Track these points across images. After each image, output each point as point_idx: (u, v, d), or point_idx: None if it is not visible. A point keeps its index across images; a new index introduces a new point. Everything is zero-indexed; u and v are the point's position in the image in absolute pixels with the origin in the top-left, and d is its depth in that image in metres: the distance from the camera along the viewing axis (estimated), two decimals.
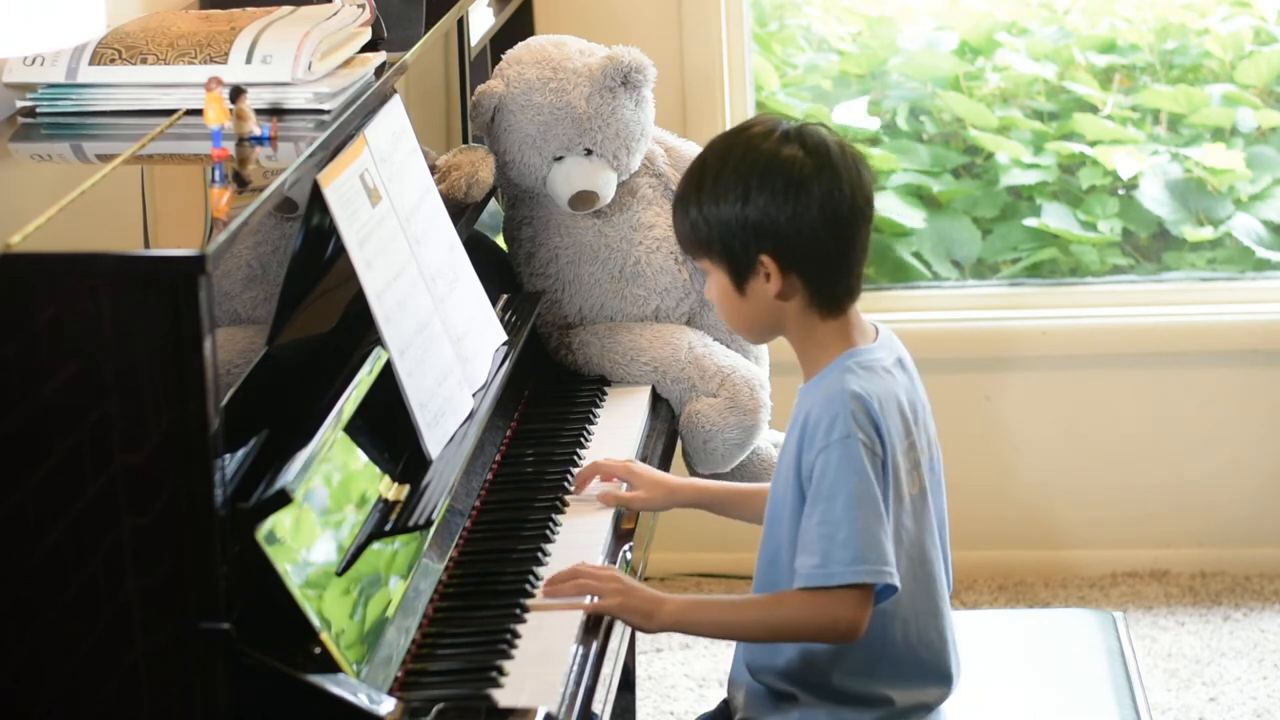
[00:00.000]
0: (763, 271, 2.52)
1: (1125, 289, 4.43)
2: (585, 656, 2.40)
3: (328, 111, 2.55)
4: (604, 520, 2.76)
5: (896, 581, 2.46)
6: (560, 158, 3.25)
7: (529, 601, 2.49)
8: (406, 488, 2.48)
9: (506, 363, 2.88)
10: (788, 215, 2.50)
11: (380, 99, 2.72)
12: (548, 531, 2.69)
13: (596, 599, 2.49)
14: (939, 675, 2.61)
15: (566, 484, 2.85)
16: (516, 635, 2.40)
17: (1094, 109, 4.51)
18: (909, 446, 2.54)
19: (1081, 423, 4.38)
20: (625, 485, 2.84)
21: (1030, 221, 4.48)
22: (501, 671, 2.32)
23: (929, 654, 2.59)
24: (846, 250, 2.54)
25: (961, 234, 4.50)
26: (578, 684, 2.34)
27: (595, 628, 2.46)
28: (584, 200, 3.25)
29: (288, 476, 2.22)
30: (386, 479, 2.47)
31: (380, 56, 2.76)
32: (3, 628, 2.06)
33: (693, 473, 3.21)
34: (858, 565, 2.44)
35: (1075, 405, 4.37)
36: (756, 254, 2.51)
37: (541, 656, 2.36)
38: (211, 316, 2.05)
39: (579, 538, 2.70)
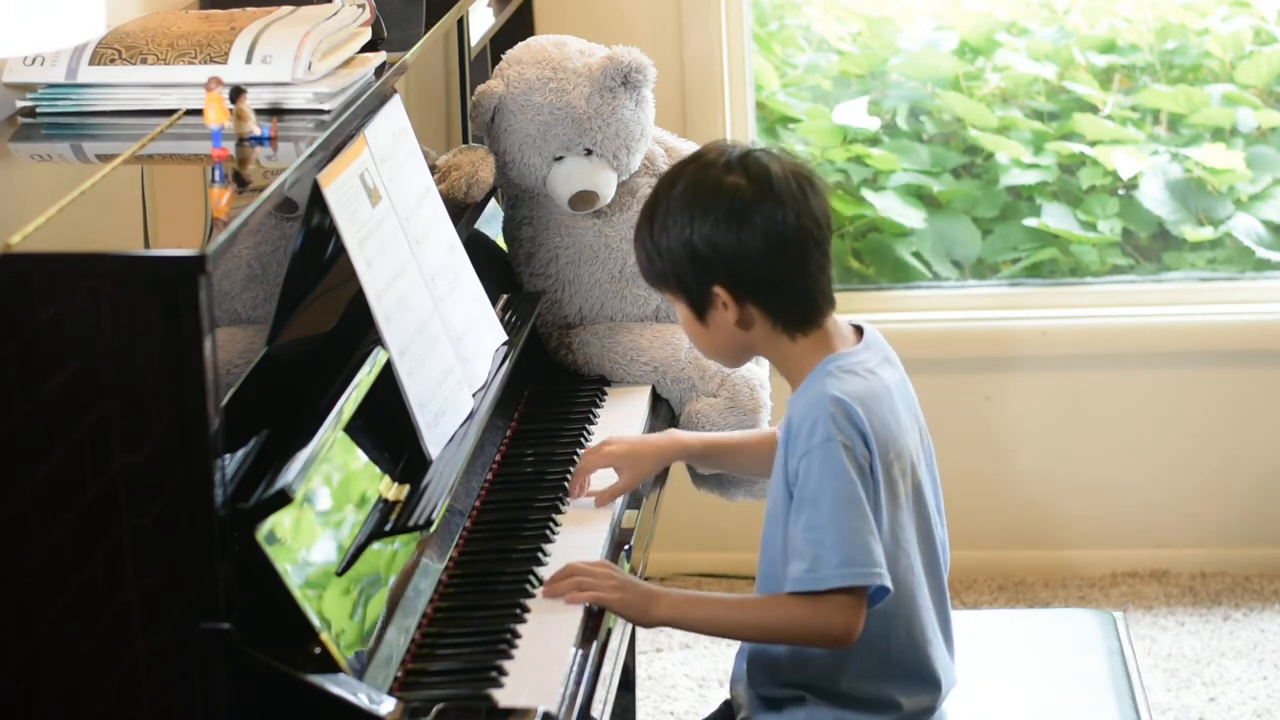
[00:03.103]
0: (719, 302, 2.52)
1: (1125, 289, 4.43)
2: (585, 657, 2.40)
3: (328, 111, 2.55)
4: (604, 520, 2.76)
5: (888, 582, 2.46)
6: (560, 158, 3.25)
7: (529, 601, 2.49)
8: (406, 488, 2.48)
9: (506, 363, 2.88)
10: (732, 244, 2.49)
11: (380, 99, 2.72)
12: (548, 531, 2.69)
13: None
14: (934, 677, 2.59)
15: (566, 484, 2.84)
16: (516, 635, 2.40)
17: (1094, 109, 4.51)
18: (904, 445, 2.54)
19: (1081, 423, 4.38)
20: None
21: (1030, 221, 4.47)
22: (501, 671, 2.32)
23: (932, 650, 2.59)
24: (800, 273, 2.52)
25: (961, 234, 4.50)
26: (577, 684, 2.34)
27: (595, 629, 2.46)
28: (584, 200, 3.25)
29: (288, 476, 2.22)
30: (386, 479, 2.47)
31: (380, 56, 2.76)
32: (3, 628, 2.06)
33: (694, 473, 3.21)
34: (847, 568, 2.44)
35: (1075, 405, 4.37)
36: (709, 285, 2.51)
37: (541, 656, 2.36)
38: (211, 316, 2.04)
39: (579, 538, 2.70)
